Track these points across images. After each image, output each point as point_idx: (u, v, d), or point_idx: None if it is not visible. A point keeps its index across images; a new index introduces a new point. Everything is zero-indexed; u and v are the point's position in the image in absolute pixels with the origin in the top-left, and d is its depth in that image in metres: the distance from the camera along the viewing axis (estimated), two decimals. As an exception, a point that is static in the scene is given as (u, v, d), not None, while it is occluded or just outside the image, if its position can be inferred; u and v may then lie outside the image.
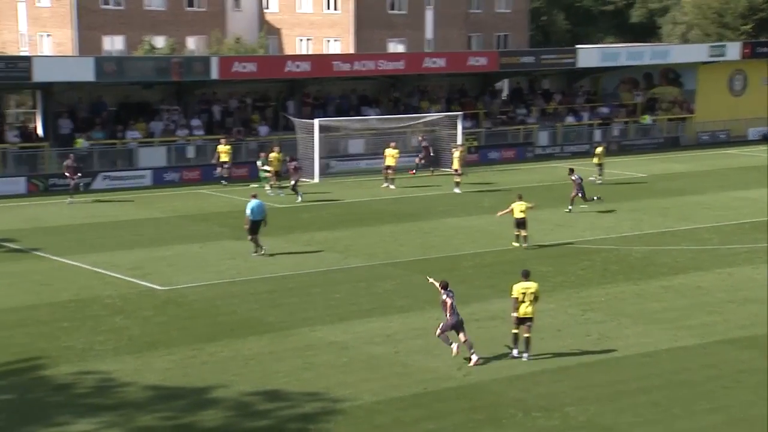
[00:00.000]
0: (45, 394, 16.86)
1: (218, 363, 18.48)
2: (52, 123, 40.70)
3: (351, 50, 63.19)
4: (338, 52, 62.58)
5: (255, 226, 27.11)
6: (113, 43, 62.28)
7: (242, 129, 43.42)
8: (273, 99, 45.74)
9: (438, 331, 18.67)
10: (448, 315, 18.47)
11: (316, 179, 40.73)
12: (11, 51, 62.76)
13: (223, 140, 39.89)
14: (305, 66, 43.99)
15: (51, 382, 17.38)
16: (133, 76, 40.86)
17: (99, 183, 39.20)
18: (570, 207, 33.87)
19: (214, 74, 41.71)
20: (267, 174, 37.69)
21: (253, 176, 39.49)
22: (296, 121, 42.02)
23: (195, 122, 43.06)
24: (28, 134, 40.50)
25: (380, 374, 18.04)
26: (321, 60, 47.12)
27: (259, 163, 38.57)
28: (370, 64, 45.45)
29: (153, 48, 59.38)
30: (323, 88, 46.85)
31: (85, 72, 39.29)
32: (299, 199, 35.79)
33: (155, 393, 17.02)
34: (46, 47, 62.91)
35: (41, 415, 15.94)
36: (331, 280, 24.74)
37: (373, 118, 44.65)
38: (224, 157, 39.33)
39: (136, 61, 44.17)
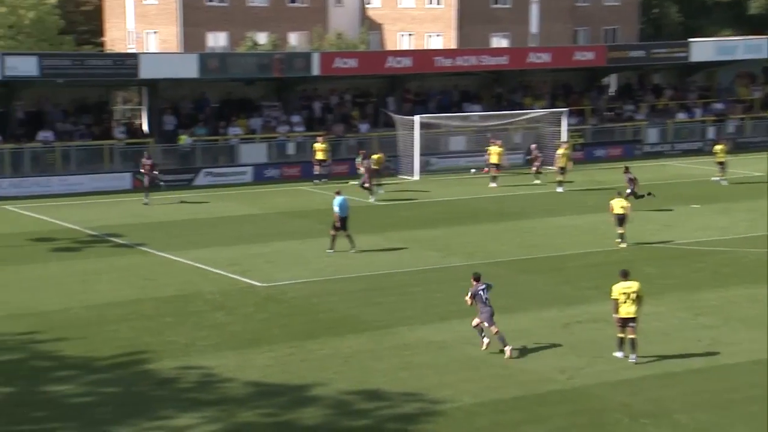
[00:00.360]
0: (149, 387, 17.42)
1: (317, 360, 18.77)
2: (157, 119, 41.94)
3: (453, 45, 63.12)
4: (440, 47, 62.58)
5: (343, 223, 27.50)
6: (216, 40, 63.75)
7: (342, 125, 43.90)
8: (373, 95, 46.06)
9: (475, 320, 19.18)
10: (479, 308, 18.94)
11: (416, 176, 40.85)
12: (119, 48, 64.94)
13: (320, 138, 40.25)
14: (406, 62, 44.16)
15: (155, 376, 17.95)
16: (236, 72, 41.76)
17: (201, 179, 40.21)
18: None
19: (316, 70, 42.27)
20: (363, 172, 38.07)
21: (353, 173, 39.86)
22: (397, 117, 42.21)
23: (295, 118, 43.72)
24: (133, 130, 41.88)
25: (480, 375, 18.04)
26: (422, 55, 47.23)
27: (358, 160, 38.91)
28: (473, 59, 45.33)
29: (255, 44, 60.54)
30: (424, 84, 46.93)
31: (189, 69, 40.36)
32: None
33: (256, 389, 17.40)
34: (152, 44, 64.85)
35: (145, 409, 16.48)
36: (430, 279, 24.82)
37: (474, 115, 44.53)
38: (320, 156, 39.62)
39: (239, 58, 45.15)
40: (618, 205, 28.06)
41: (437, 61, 44.70)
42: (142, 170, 36.13)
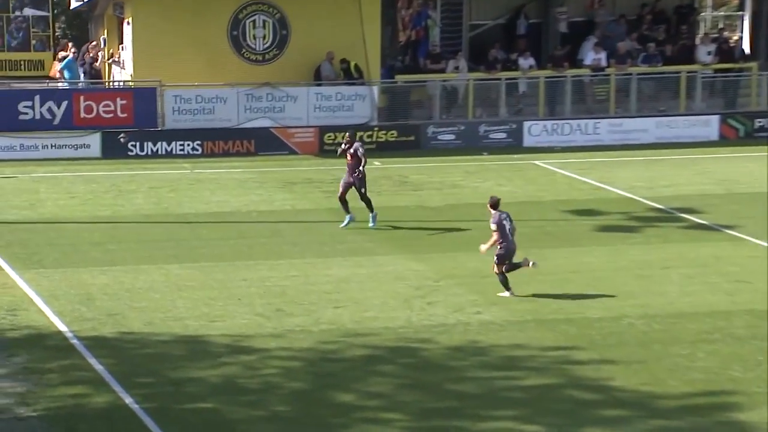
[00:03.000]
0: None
1: None
2: (765, 34, 41.24)
3: None
4: None
5: None
6: None
7: None
8: None
9: (495, 269, 22.76)
10: (500, 243, 22.48)
11: None
12: None
13: None
14: None
15: (744, 430, 17.58)
16: None
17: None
18: None
19: None
20: None
21: None
22: None
23: None
24: (726, 51, 41.39)
25: None
26: None
27: None
28: None
29: None
30: None
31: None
32: None
33: None
34: None
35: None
36: None
37: None
38: None
39: None
40: None
41: None
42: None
